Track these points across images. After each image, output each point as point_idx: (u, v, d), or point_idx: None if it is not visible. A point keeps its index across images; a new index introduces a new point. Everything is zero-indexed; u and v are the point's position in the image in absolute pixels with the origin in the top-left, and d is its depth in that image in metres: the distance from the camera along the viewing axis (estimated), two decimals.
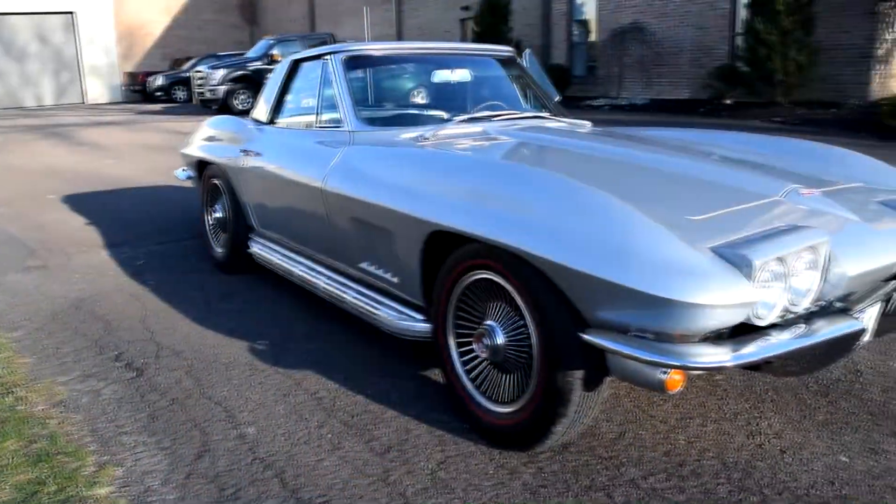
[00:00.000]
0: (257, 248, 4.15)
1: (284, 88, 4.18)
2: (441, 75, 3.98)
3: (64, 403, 2.83)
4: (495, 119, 3.57)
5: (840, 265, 2.10)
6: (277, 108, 4.20)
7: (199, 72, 19.87)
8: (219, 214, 4.59)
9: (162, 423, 2.66)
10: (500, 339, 2.35)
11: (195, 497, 2.21)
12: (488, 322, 2.41)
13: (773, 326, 2.01)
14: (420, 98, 3.91)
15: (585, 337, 2.03)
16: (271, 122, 4.20)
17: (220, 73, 19.02)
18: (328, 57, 3.67)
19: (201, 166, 4.83)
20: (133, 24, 30.81)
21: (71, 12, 28.50)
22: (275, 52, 18.74)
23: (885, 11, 13.31)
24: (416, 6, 25.34)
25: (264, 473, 2.32)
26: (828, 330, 2.06)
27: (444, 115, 3.64)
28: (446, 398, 2.74)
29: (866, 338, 2.35)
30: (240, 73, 19.09)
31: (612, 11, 18.24)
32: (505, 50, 4.25)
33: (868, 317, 2.31)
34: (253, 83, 18.28)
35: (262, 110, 4.33)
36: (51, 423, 2.67)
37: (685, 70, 16.71)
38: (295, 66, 4.13)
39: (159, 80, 26.19)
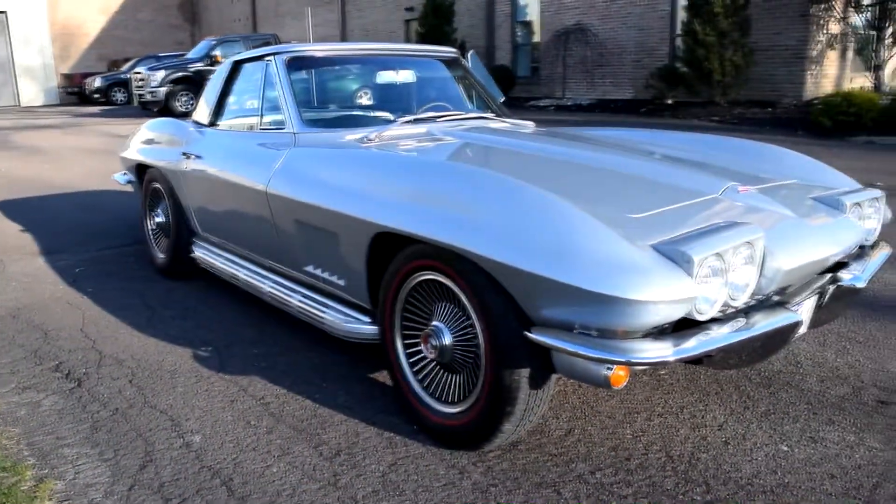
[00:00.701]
0: (200, 253, 4.08)
1: (226, 90, 4.12)
2: (385, 76, 3.97)
3: (1, 416, 2.74)
4: (440, 120, 3.57)
5: (776, 260, 2.16)
6: (219, 110, 4.13)
7: (139, 73, 19.48)
8: (160, 219, 4.50)
9: (104, 434, 2.59)
10: (447, 340, 2.36)
11: None
12: (435, 323, 2.41)
13: (713, 321, 2.06)
14: (364, 99, 3.89)
15: (531, 335, 2.05)
16: (213, 124, 4.13)
17: (161, 74, 18.67)
18: (270, 58, 3.63)
19: (141, 170, 4.73)
20: (68, 24, 30.00)
21: (3, 12, 27.59)
22: (216, 52, 18.48)
23: (818, 14, 13.75)
24: (360, 7, 25.23)
25: (211, 482, 2.28)
26: (766, 323, 2.13)
27: (389, 116, 3.63)
28: (395, 400, 2.73)
29: (803, 329, 2.43)
30: (181, 74, 18.76)
31: (554, 13, 18.44)
32: (449, 51, 4.26)
33: (804, 309, 2.39)
34: (195, 84, 17.99)
35: (203, 112, 4.26)
36: None
37: (628, 71, 16.99)
38: (236, 68, 4.07)
39: (97, 82, 25.55)
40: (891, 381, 2.89)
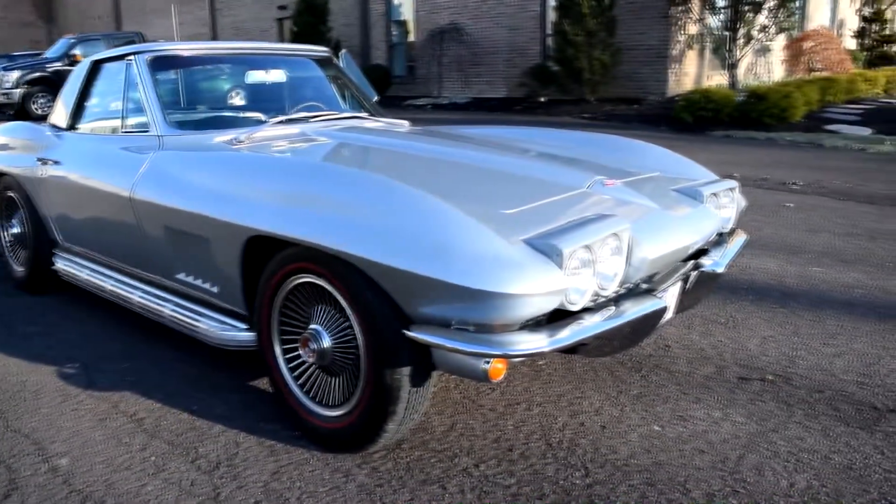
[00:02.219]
0: (63, 265, 3.85)
1: (86, 91, 3.90)
2: (255, 76, 3.87)
3: None
4: (313, 120, 3.52)
5: (642, 249, 2.26)
6: (78, 112, 3.91)
7: None
8: (16, 230, 4.22)
9: None
10: (327, 343, 2.33)
11: None
12: (313, 326, 2.37)
13: (585, 310, 2.13)
14: (234, 100, 3.78)
15: (409, 333, 2.05)
16: (72, 127, 3.91)
17: (15, 74, 17.50)
18: (132, 57, 3.46)
19: None
20: None
21: None
22: (76, 52, 17.46)
23: (677, 15, 14.50)
24: (230, 5, 24.52)
25: None
26: (635, 310, 2.22)
27: (260, 116, 3.54)
28: (276, 407, 2.68)
29: (669, 314, 2.56)
30: (37, 74, 17.65)
31: (428, 12, 18.58)
32: (321, 50, 4.21)
33: (670, 295, 2.51)
34: (53, 86, 16.95)
35: (60, 115, 4.02)
36: None
37: (501, 69, 17.34)
38: (96, 68, 3.86)
39: None
40: (750, 359, 3.08)
